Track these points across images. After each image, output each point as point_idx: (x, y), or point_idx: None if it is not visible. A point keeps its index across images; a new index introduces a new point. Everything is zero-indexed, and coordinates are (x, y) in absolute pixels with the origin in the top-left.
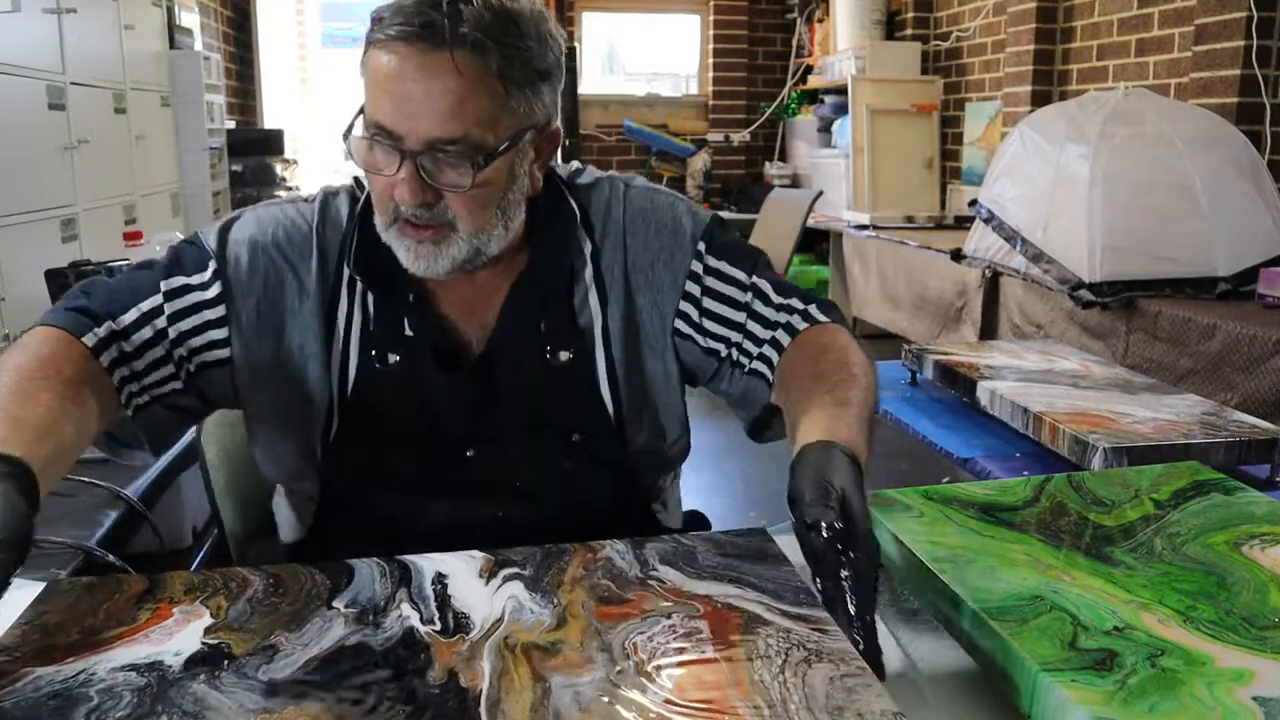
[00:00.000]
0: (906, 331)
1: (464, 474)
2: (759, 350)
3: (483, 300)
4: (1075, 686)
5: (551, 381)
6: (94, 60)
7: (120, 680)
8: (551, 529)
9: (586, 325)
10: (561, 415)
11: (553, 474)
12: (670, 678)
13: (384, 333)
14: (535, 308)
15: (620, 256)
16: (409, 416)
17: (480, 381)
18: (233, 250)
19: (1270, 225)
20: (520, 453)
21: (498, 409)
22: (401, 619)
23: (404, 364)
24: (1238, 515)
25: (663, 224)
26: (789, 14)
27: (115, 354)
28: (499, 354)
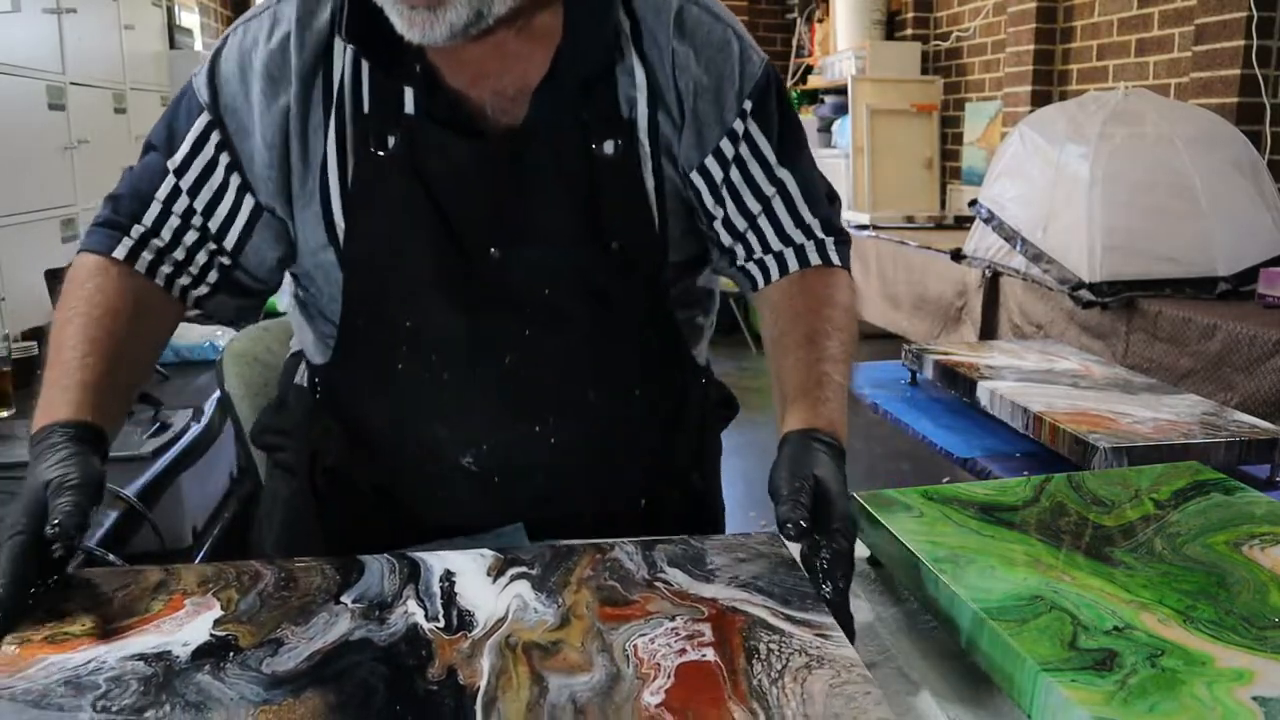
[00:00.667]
0: (906, 331)
1: (487, 278)
2: (759, 256)
3: (503, 68)
4: (1075, 686)
5: (594, 176)
6: (94, 60)
7: (129, 669)
8: (578, 349)
9: (631, 118)
10: (602, 217)
11: (586, 287)
12: (668, 681)
13: (380, 112)
14: (574, 93)
15: (668, 55)
16: (416, 209)
17: (508, 162)
18: (224, 86)
19: (1270, 225)
20: (552, 257)
21: (529, 200)
22: (407, 615)
23: (404, 147)
24: (1238, 515)
25: (715, 44)
26: (789, 14)
27: (152, 256)
28: (534, 136)
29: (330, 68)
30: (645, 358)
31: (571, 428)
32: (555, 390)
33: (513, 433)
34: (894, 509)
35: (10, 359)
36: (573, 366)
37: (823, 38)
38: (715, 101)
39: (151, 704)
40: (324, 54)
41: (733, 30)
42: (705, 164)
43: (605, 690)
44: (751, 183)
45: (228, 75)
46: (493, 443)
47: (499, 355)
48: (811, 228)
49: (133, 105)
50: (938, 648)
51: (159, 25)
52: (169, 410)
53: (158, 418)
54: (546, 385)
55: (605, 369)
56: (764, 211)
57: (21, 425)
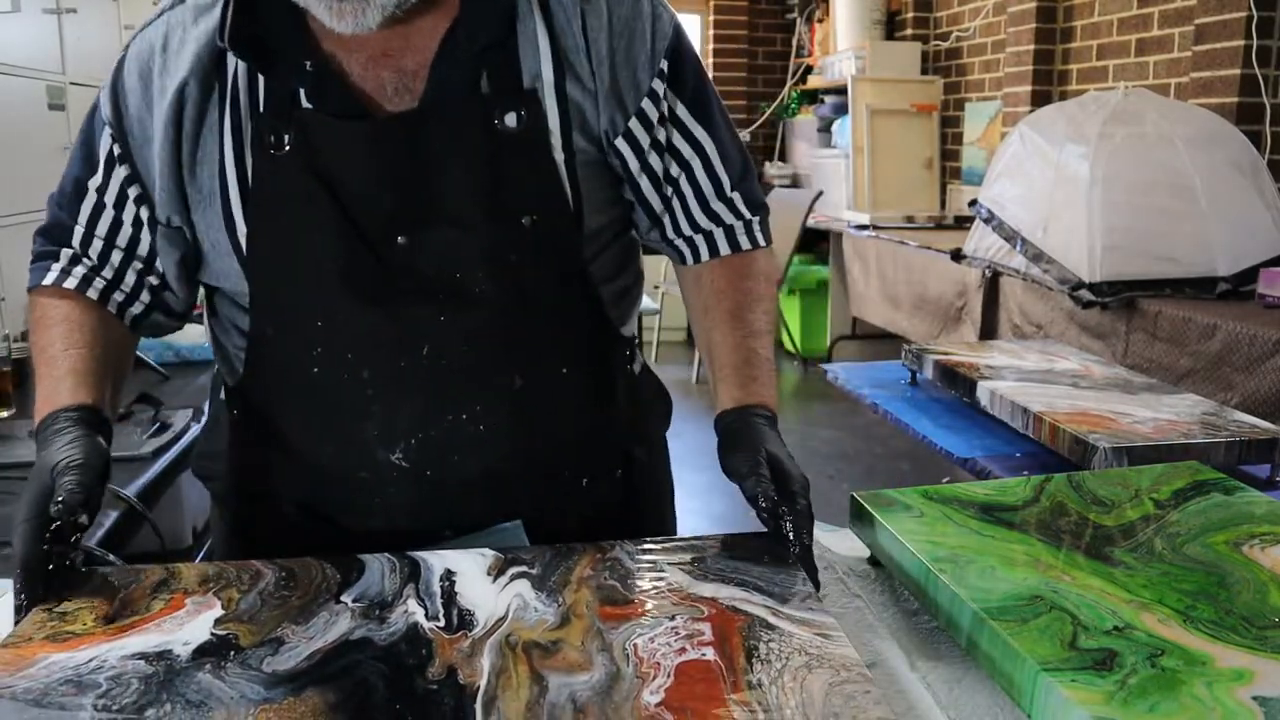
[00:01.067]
0: (906, 331)
1: (396, 267)
2: (689, 234)
3: (404, 45)
4: (1075, 686)
5: (498, 151)
6: (94, 60)
7: (130, 668)
8: (497, 332)
9: (534, 85)
10: (509, 192)
11: (500, 266)
12: (667, 680)
13: (274, 111)
14: (472, 62)
15: (575, 17)
16: (317, 204)
17: (406, 144)
18: (127, 98)
19: (1270, 225)
20: (461, 238)
21: (431, 183)
22: (407, 615)
23: (299, 143)
24: (1238, 515)
25: (625, 3)
26: (789, 14)
27: (85, 273)
28: (432, 114)
29: (224, 69)
30: (568, 335)
31: (499, 413)
32: (477, 376)
33: (441, 424)
34: (894, 509)
35: (10, 359)
36: (492, 350)
37: (823, 38)
38: (629, 63)
39: (152, 703)
40: (217, 56)
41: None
42: (630, 128)
43: (605, 689)
44: (671, 146)
45: (130, 87)
46: (421, 436)
47: (417, 345)
48: (735, 204)
49: None
50: (938, 648)
51: None
52: (169, 410)
53: (158, 418)
54: (467, 371)
55: (526, 350)
56: (685, 176)
57: (22, 425)
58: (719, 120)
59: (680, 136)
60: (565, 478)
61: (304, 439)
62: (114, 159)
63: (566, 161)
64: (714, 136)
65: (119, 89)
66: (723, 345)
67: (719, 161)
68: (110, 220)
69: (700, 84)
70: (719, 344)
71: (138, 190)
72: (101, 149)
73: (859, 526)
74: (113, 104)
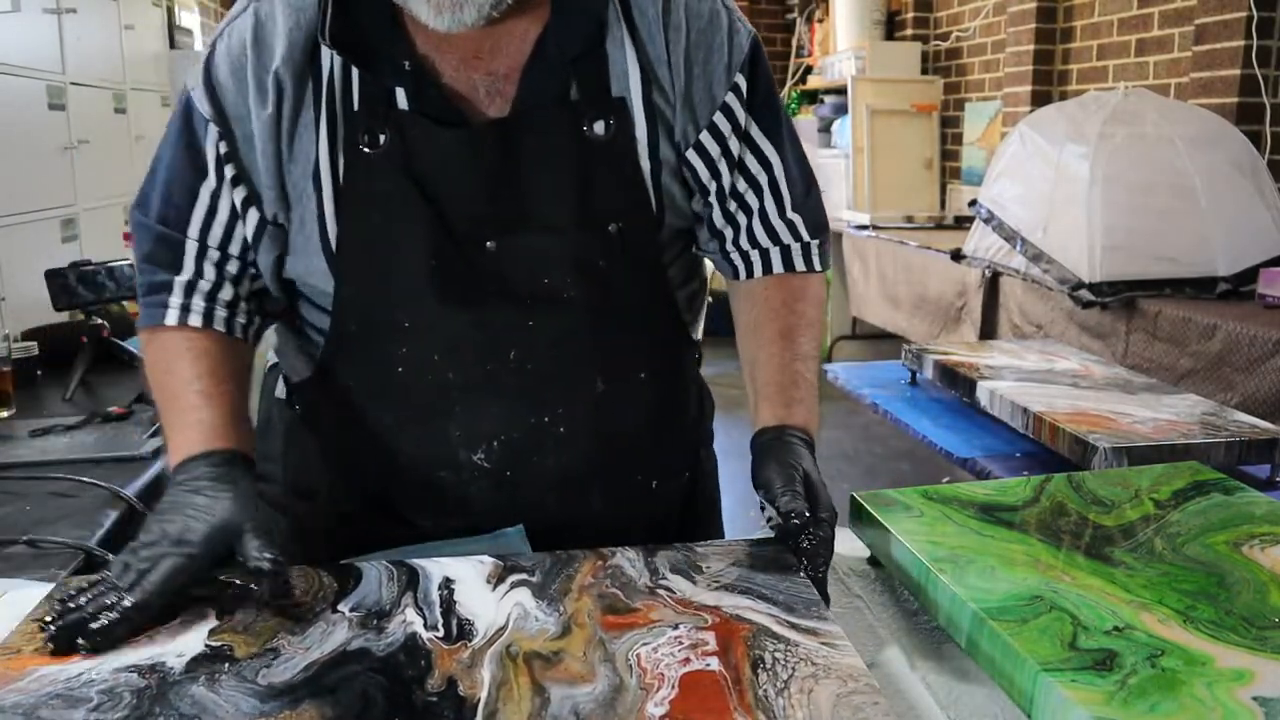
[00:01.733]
0: (906, 331)
1: (484, 271)
2: (745, 248)
3: (496, 48)
4: (1075, 686)
5: (587, 159)
6: (94, 60)
7: (121, 681)
8: (583, 336)
9: (621, 94)
10: (597, 199)
11: (586, 272)
12: (671, 691)
13: (370, 110)
14: (563, 71)
15: (659, 28)
16: (410, 205)
17: (500, 150)
18: (224, 95)
19: (1270, 225)
20: (549, 244)
21: (522, 189)
22: (405, 624)
23: (395, 144)
24: (1238, 515)
25: (704, 15)
26: (789, 14)
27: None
28: (523, 121)
29: (319, 65)
30: (648, 339)
31: (581, 416)
32: (562, 380)
33: (524, 426)
34: (894, 509)
35: (10, 359)
36: (578, 354)
37: (823, 38)
38: (705, 75)
39: (145, 717)
40: (312, 51)
41: (721, 1)
42: (701, 140)
43: (608, 701)
44: (741, 161)
45: (224, 83)
46: (504, 438)
47: (504, 349)
48: (796, 224)
49: (133, 105)
50: (938, 648)
51: (159, 25)
52: None
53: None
54: (553, 375)
55: (610, 354)
56: (751, 191)
57: (22, 425)
58: (787, 140)
59: (750, 153)
60: (638, 481)
61: (382, 438)
62: (221, 159)
63: (652, 170)
64: (781, 156)
65: (214, 85)
66: (769, 364)
67: (784, 181)
68: (224, 227)
69: (772, 102)
70: (764, 362)
71: (244, 191)
72: (209, 150)
73: (859, 526)
74: (211, 101)
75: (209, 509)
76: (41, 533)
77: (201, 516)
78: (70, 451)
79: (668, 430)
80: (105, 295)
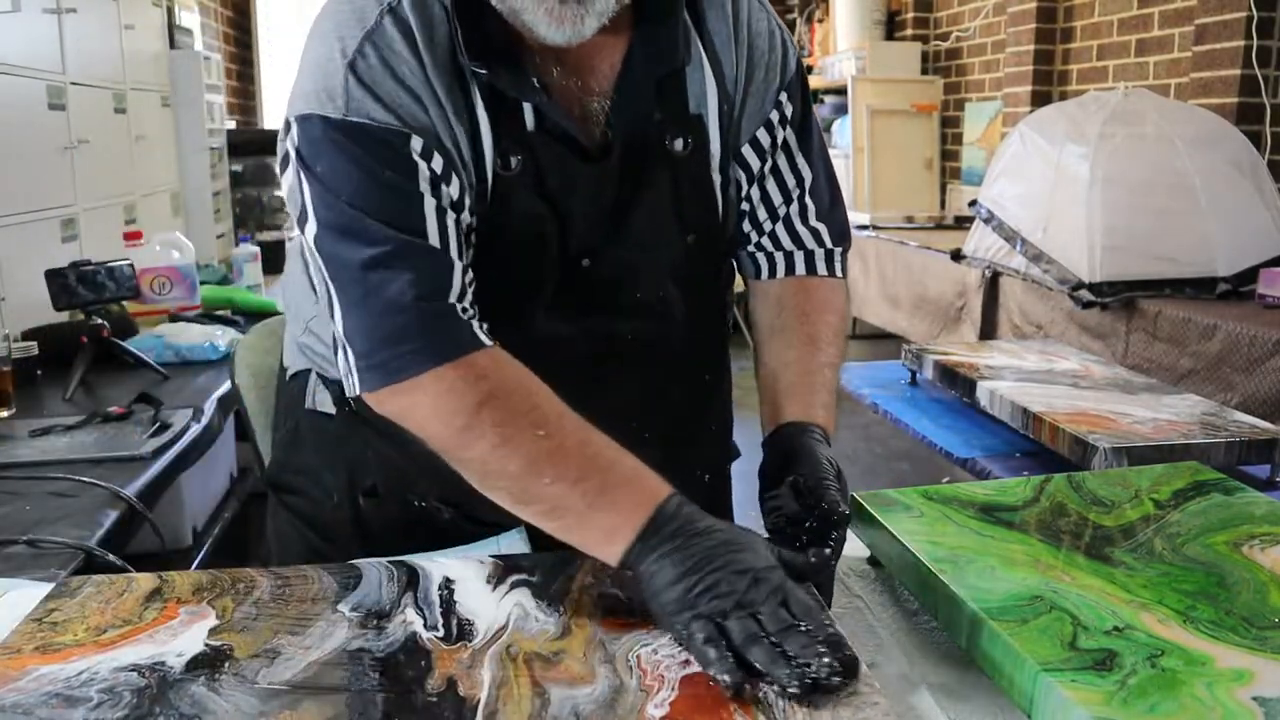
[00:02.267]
0: (906, 331)
1: (585, 284)
2: (770, 250)
3: (593, 68)
4: (1075, 686)
5: (674, 175)
6: (94, 60)
7: (121, 680)
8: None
9: (699, 111)
10: (681, 215)
11: (675, 283)
12: (671, 693)
13: (504, 130)
14: (650, 91)
15: (729, 47)
16: (543, 224)
17: (618, 176)
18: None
19: (1270, 225)
20: (640, 259)
21: (624, 211)
22: (405, 624)
23: (529, 163)
24: (1238, 515)
25: (762, 34)
26: (789, 14)
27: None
28: (627, 146)
29: (466, 80)
30: (710, 340)
31: (664, 420)
32: (650, 386)
33: (615, 433)
34: (894, 509)
35: (10, 359)
36: (666, 362)
37: (823, 38)
38: (759, 93)
39: (145, 716)
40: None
41: (774, 19)
42: (743, 152)
43: (608, 702)
44: (778, 175)
45: (394, 95)
46: None
47: (600, 359)
48: (820, 232)
49: (133, 105)
50: (938, 648)
51: (159, 25)
52: (169, 410)
53: (158, 418)
54: (643, 383)
55: (687, 359)
56: (785, 203)
57: (22, 425)
58: (818, 156)
59: (785, 164)
60: (697, 476)
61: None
62: (426, 156)
63: (721, 183)
64: (813, 170)
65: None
66: (796, 365)
67: (811, 193)
68: (453, 223)
69: (808, 118)
70: (791, 363)
71: (457, 183)
72: (410, 150)
73: (859, 526)
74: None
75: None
76: (41, 533)
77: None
78: (70, 451)
79: (723, 424)
80: (105, 295)
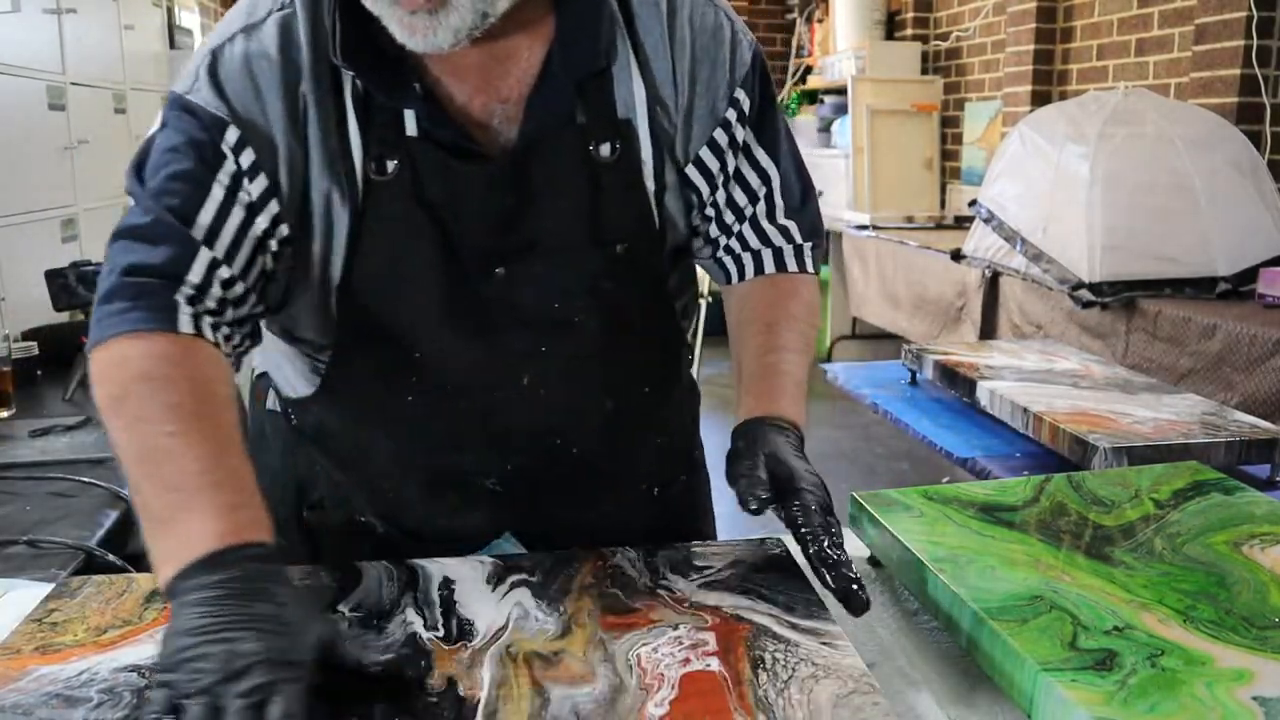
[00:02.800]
0: (906, 331)
1: (494, 298)
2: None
3: (505, 70)
4: (1075, 686)
5: (595, 182)
6: (94, 60)
7: (121, 680)
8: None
9: (628, 115)
10: (605, 222)
11: (595, 295)
12: (672, 692)
13: (380, 135)
14: (569, 95)
15: (663, 46)
16: (423, 233)
17: (512, 182)
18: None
19: (1270, 225)
20: (559, 269)
21: (532, 213)
22: (405, 624)
23: (406, 171)
24: (1238, 515)
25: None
26: (789, 14)
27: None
28: (533, 150)
29: (341, 86)
30: (653, 354)
31: (591, 436)
32: (574, 402)
33: (537, 450)
34: (894, 509)
35: (10, 359)
36: (589, 376)
37: (823, 38)
38: (708, 92)
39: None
40: (334, 72)
41: (724, 13)
42: (701, 155)
43: (608, 701)
44: (739, 172)
45: (238, 89)
46: (517, 463)
47: (518, 376)
48: (789, 229)
49: (133, 105)
50: (938, 648)
51: (159, 25)
52: None
53: None
54: (565, 399)
55: (618, 373)
56: (747, 198)
57: (21, 425)
58: (785, 150)
59: (748, 165)
60: (643, 490)
61: (389, 464)
62: (237, 149)
63: (655, 190)
64: (779, 167)
65: (223, 86)
66: (750, 360)
67: (779, 191)
68: (232, 237)
69: (772, 115)
70: (746, 359)
71: (276, 207)
72: (227, 152)
73: (859, 526)
74: (224, 104)
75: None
76: (41, 533)
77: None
78: (70, 451)
79: (671, 438)
80: None
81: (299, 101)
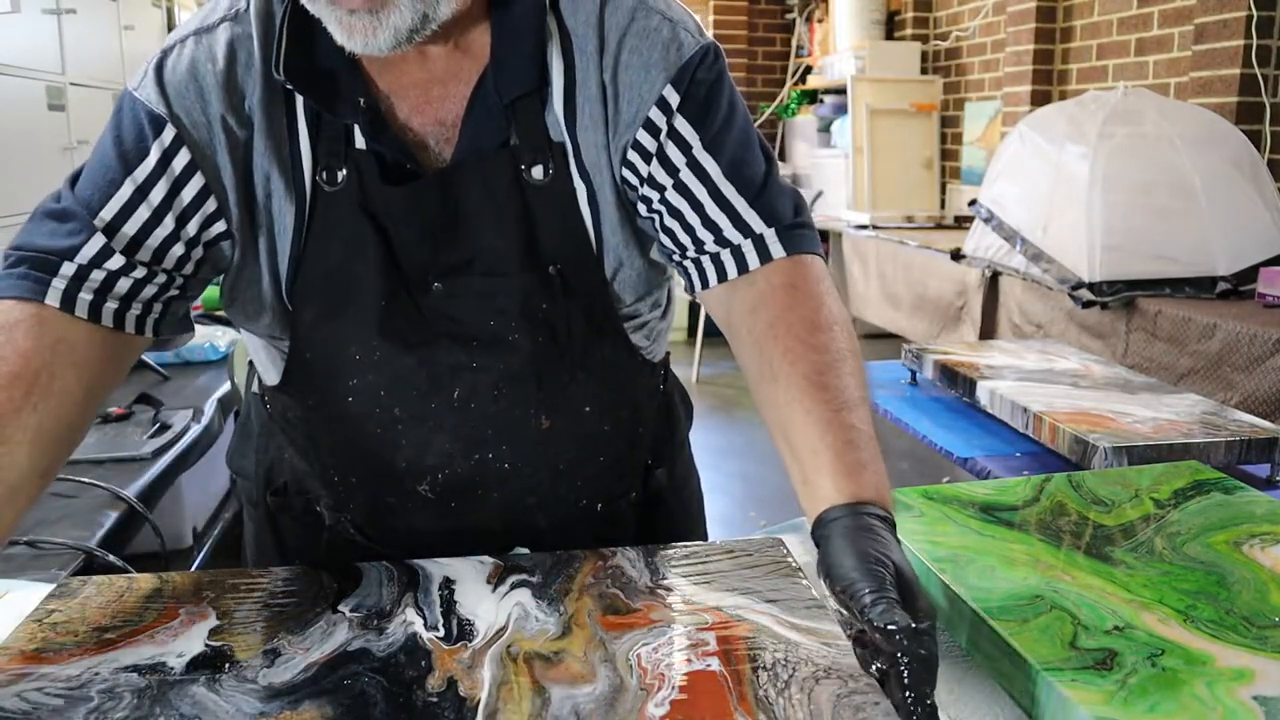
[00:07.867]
0: (906, 331)
1: (431, 312)
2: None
3: (445, 91)
4: (1075, 686)
5: (527, 204)
6: (94, 60)
7: (122, 681)
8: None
9: (561, 138)
10: (539, 243)
11: (530, 315)
12: (672, 692)
13: (329, 147)
14: (502, 114)
15: (593, 61)
16: (368, 243)
17: (440, 201)
18: (178, 100)
19: (1270, 225)
20: (494, 288)
21: (466, 236)
22: (405, 625)
23: (353, 182)
24: (1238, 515)
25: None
26: (789, 14)
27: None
28: (464, 171)
29: (293, 100)
30: (595, 374)
31: (526, 452)
32: (506, 418)
33: (468, 461)
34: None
35: None
36: (522, 394)
37: (823, 38)
38: (636, 97)
39: (145, 717)
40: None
41: (662, 15)
42: (630, 159)
43: (609, 701)
44: (675, 176)
45: (181, 89)
46: (448, 472)
47: (449, 388)
48: (748, 222)
49: None
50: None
51: (159, 25)
52: (169, 410)
53: (158, 418)
54: (496, 414)
55: (554, 392)
56: (690, 205)
57: None
58: (734, 144)
59: (687, 165)
60: (583, 505)
61: (336, 458)
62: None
63: (590, 212)
64: (720, 163)
65: (167, 89)
66: (812, 426)
67: (727, 183)
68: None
69: (711, 108)
70: (804, 425)
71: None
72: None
73: None
74: (164, 102)
75: None
76: (41, 533)
77: None
78: None
79: (617, 458)
80: None
81: (244, 107)
